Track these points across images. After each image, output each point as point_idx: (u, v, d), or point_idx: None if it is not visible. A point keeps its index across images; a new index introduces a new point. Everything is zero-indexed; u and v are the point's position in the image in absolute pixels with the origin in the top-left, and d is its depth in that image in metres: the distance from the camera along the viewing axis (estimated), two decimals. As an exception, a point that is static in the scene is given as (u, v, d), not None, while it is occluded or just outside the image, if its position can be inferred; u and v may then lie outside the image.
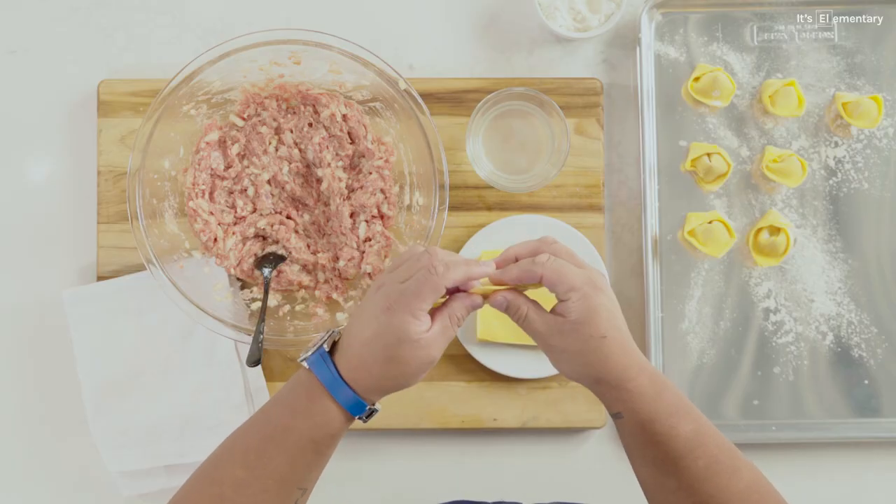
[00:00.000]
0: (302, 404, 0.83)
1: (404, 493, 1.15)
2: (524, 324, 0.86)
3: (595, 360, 0.83)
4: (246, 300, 1.12)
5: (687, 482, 0.82)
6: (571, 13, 1.15)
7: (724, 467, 0.83)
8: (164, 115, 1.07)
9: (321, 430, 0.83)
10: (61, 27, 1.18)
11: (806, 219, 1.16)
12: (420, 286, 0.81)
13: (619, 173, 1.18)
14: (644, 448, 0.84)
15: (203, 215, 1.11)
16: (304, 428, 0.83)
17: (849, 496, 1.16)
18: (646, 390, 0.84)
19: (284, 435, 0.83)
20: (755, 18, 1.18)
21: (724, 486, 0.82)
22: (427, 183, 1.09)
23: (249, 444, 0.84)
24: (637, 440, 0.85)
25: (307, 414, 0.83)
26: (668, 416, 0.84)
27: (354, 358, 0.83)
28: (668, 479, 0.83)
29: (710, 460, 0.83)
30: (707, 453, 0.83)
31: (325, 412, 0.83)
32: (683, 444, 0.83)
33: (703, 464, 0.83)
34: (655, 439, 0.83)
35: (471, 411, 1.13)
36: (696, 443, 0.83)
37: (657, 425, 0.83)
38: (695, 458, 0.83)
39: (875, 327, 1.15)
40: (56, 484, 1.15)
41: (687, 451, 0.83)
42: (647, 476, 0.86)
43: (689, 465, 0.82)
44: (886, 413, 1.14)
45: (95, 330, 1.12)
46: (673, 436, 0.83)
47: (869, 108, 1.14)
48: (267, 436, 0.83)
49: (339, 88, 1.13)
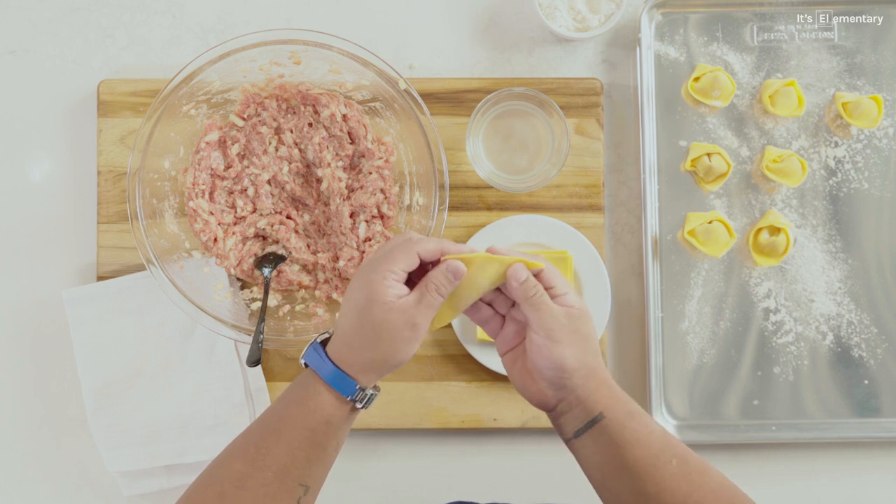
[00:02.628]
0: (297, 393, 0.85)
1: (404, 493, 1.15)
2: (535, 301, 0.84)
3: (577, 350, 0.84)
4: (246, 300, 1.12)
5: (665, 484, 0.82)
6: (571, 13, 1.15)
7: (695, 466, 0.83)
8: (164, 115, 1.07)
9: (314, 415, 0.83)
10: (61, 27, 1.18)
11: (806, 219, 1.16)
12: (391, 249, 0.83)
13: (619, 173, 1.18)
14: (623, 450, 0.83)
15: (203, 215, 1.11)
16: (297, 415, 0.83)
17: (849, 496, 1.16)
18: (618, 387, 0.86)
19: (280, 425, 0.83)
20: (755, 18, 1.18)
21: (699, 484, 0.82)
22: (427, 183, 1.09)
23: (249, 439, 0.84)
24: (615, 442, 0.83)
25: (301, 401, 0.84)
26: (640, 414, 0.84)
27: (338, 337, 0.84)
28: (646, 485, 0.82)
29: (681, 459, 0.83)
30: (677, 452, 0.83)
31: (317, 396, 0.83)
32: (657, 442, 0.83)
33: (676, 463, 0.82)
34: (635, 437, 0.83)
35: (471, 411, 1.13)
36: (666, 442, 0.84)
37: (635, 422, 0.83)
38: (668, 459, 0.82)
39: (875, 327, 1.15)
40: (56, 484, 1.15)
41: (660, 450, 0.83)
42: (623, 489, 0.83)
43: (664, 465, 0.82)
44: (886, 413, 1.14)
45: (95, 330, 1.12)
46: (647, 433, 0.83)
47: (869, 108, 1.14)
48: (265, 427, 0.84)
49: (339, 88, 1.13)
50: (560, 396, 0.85)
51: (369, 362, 0.83)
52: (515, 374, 0.89)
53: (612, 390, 0.85)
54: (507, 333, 0.90)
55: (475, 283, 0.86)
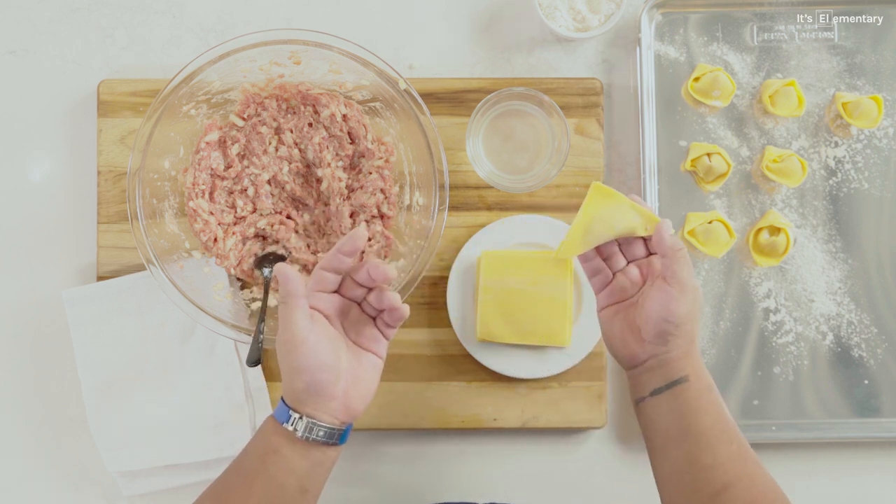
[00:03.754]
0: (257, 442, 0.89)
1: (404, 493, 1.15)
2: (681, 255, 0.89)
3: (692, 310, 0.88)
4: (246, 300, 1.12)
5: (722, 459, 0.85)
6: (571, 13, 1.15)
7: (751, 456, 0.87)
8: (164, 115, 1.07)
9: (262, 445, 0.87)
10: (61, 27, 1.18)
11: (806, 219, 1.16)
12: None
13: (619, 173, 1.18)
14: (694, 417, 0.87)
15: (203, 215, 1.11)
16: (249, 447, 0.88)
17: (849, 496, 1.16)
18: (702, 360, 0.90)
19: (238, 462, 0.88)
20: (755, 18, 1.18)
21: (751, 473, 0.86)
22: (427, 183, 1.09)
23: (216, 489, 0.88)
24: (689, 407, 0.87)
25: (254, 436, 0.89)
26: (717, 392, 0.89)
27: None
28: (704, 455, 0.86)
29: (741, 445, 0.87)
30: (739, 437, 0.87)
31: (264, 426, 0.88)
32: (726, 421, 0.87)
33: (735, 447, 0.86)
34: (708, 408, 0.87)
35: (471, 411, 1.13)
36: (733, 425, 0.88)
37: (712, 395, 0.88)
38: (730, 439, 0.86)
39: (875, 327, 1.15)
40: (56, 484, 1.15)
41: (726, 428, 0.87)
42: (680, 455, 0.87)
43: (727, 443, 0.86)
44: (886, 413, 1.14)
45: (95, 330, 1.12)
46: (719, 408, 0.87)
47: (869, 108, 1.14)
48: (227, 472, 0.88)
49: (339, 88, 1.13)
50: (654, 352, 0.90)
51: (292, 388, 0.87)
52: (615, 329, 0.93)
53: (699, 360, 0.90)
54: (615, 288, 0.95)
55: (613, 223, 0.92)
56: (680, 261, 0.89)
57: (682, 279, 0.89)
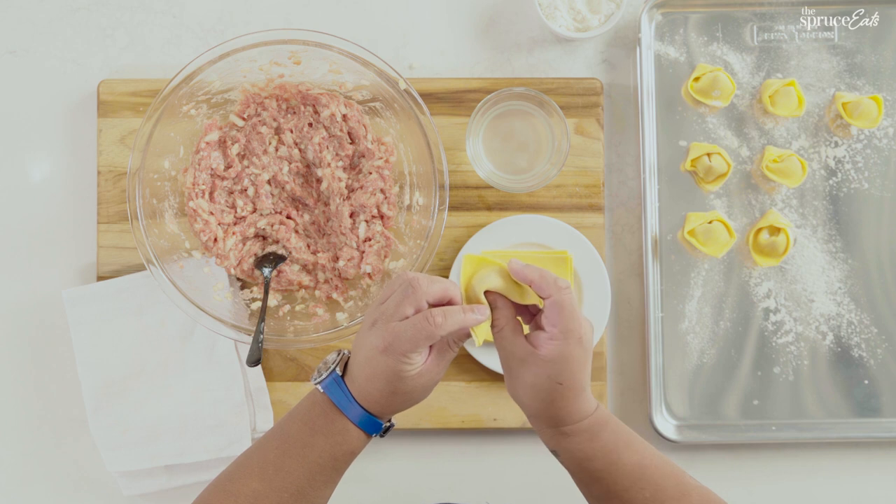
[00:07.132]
0: (321, 423, 0.86)
1: (404, 493, 1.15)
2: (497, 335, 0.88)
3: (544, 398, 0.86)
4: (246, 300, 1.12)
5: None
6: (571, 13, 1.15)
7: (671, 494, 0.86)
8: (164, 115, 1.07)
9: (341, 447, 0.86)
10: (61, 27, 1.18)
11: (806, 219, 1.16)
12: (416, 334, 0.83)
13: (619, 173, 1.18)
14: (589, 485, 0.87)
15: (203, 215, 1.11)
16: (324, 445, 0.86)
17: (849, 496, 1.16)
18: (581, 433, 0.86)
19: (304, 451, 0.85)
20: (755, 18, 1.18)
21: None
22: (427, 183, 1.09)
23: (267, 459, 0.86)
24: (578, 477, 0.88)
25: (327, 432, 0.86)
26: (607, 453, 0.86)
27: (362, 389, 0.86)
28: None
29: (655, 489, 0.86)
30: (651, 483, 0.86)
31: (345, 431, 0.86)
32: (626, 476, 0.86)
33: (648, 493, 0.85)
34: (596, 475, 0.86)
35: (471, 411, 1.13)
36: (639, 475, 0.86)
37: (595, 462, 0.86)
38: (640, 489, 0.85)
39: (875, 327, 1.15)
40: (56, 484, 1.15)
41: (630, 483, 0.85)
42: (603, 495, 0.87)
43: (634, 497, 0.85)
44: (886, 413, 1.14)
45: (95, 330, 1.12)
46: (613, 471, 0.86)
47: (869, 108, 1.14)
48: (286, 451, 0.86)
49: (339, 88, 1.13)
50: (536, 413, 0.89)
51: (394, 409, 0.87)
52: None
53: (567, 436, 0.87)
54: None
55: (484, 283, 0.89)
56: (496, 335, 0.88)
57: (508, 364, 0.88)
